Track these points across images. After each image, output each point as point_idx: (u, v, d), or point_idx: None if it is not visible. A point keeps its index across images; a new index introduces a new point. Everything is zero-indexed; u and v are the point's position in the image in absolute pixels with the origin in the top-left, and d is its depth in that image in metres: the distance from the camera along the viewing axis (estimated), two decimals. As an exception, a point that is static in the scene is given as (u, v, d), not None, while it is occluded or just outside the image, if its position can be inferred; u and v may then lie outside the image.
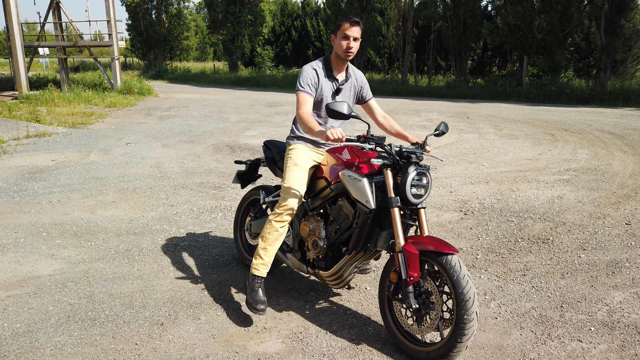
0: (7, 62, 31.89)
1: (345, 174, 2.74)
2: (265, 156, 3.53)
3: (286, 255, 3.25)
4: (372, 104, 3.20)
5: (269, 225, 2.98)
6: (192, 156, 7.71)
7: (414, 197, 2.56)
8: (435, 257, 2.42)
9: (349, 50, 2.86)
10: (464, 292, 2.32)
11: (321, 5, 33.82)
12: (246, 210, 3.81)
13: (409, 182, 2.52)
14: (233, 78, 26.69)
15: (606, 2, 16.72)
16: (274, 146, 3.49)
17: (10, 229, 4.51)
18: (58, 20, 19.55)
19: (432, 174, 6.49)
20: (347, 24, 2.83)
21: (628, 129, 10.04)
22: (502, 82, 19.08)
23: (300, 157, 2.99)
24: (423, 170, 2.58)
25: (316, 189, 3.05)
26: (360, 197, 2.65)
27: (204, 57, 47.25)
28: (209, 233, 4.46)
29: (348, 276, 2.90)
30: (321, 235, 2.94)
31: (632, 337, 2.80)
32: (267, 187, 3.59)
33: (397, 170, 2.61)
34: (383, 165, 2.60)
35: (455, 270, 2.36)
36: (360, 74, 3.16)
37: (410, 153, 2.63)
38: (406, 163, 2.59)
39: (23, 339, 2.79)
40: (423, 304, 2.49)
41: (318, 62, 2.98)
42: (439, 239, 2.51)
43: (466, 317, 2.32)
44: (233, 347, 2.73)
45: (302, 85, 2.89)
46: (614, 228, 4.51)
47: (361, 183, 2.63)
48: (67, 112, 12.45)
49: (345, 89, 3.04)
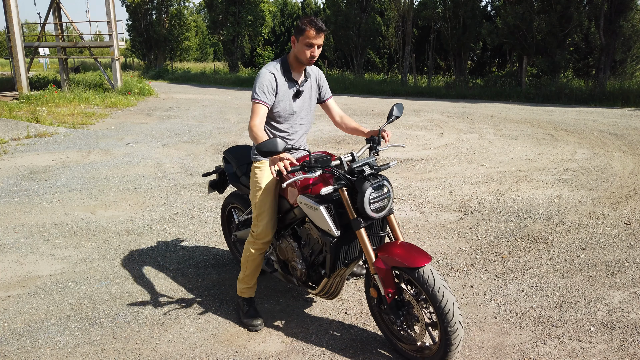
0: (7, 62, 31.89)
1: (301, 200, 2.56)
2: (227, 173, 3.33)
3: (274, 273, 3.16)
4: (331, 103, 3.03)
5: (247, 253, 2.91)
6: (192, 156, 7.72)
7: (376, 211, 2.43)
8: (408, 272, 2.35)
9: (312, 59, 2.66)
10: (442, 305, 2.26)
11: (321, 6, 33.82)
12: (229, 217, 3.72)
13: (367, 201, 2.37)
14: (233, 78, 26.70)
15: (605, 2, 16.72)
16: (233, 157, 3.26)
17: (11, 229, 4.52)
18: (58, 20, 19.57)
19: (432, 174, 6.51)
20: (313, 32, 2.58)
21: (627, 129, 10.05)
22: (502, 82, 19.08)
23: (265, 177, 2.81)
24: (379, 182, 2.43)
25: (282, 209, 2.89)
26: (321, 225, 2.50)
27: (204, 58, 47.27)
28: (209, 233, 4.47)
29: (337, 289, 2.81)
30: (298, 259, 2.81)
31: (631, 336, 2.81)
32: (239, 195, 3.45)
33: (352, 187, 2.45)
34: (335, 189, 2.42)
35: (429, 283, 2.28)
36: (317, 71, 2.96)
37: (361, 167, 2.46)
38: (360, 179, 2.42)
39: (23, 339, 2.80)
40: (407, 315, 2.48)
41: (276, 65, 2.75)
42: (411, 246, 2.44)
43: (449, 329, 2.28)
44: (233, 346, 2.73)
45: (258, 94, 2.65)
46: (613, 228, 4.52)
47: (318, 212, 2.45)
48: (68, 113, 12.46)
49: (306, 90, 2.86)
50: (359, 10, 23.65)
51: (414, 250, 2.40)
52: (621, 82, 17.30)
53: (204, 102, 16.21)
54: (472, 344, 2.73)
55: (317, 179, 2.58)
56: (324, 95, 3.00)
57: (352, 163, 2.49)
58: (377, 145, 2.69)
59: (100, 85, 18.69)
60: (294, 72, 2.79)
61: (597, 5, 17.06)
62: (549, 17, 17.18)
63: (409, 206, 5.20)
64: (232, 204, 3.59)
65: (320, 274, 2.77)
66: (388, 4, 25.16)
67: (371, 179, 2.42)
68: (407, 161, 7.29)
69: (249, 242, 2.90)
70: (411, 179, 6.28)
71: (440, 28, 22.14)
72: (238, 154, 3.28)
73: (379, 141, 2.69)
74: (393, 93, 19.80)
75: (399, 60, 24.07)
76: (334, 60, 27.23)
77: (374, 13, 24.39)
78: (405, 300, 2.48)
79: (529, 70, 19.00)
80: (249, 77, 26.51)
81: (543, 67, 17.79)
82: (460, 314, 2.30)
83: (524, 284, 3.46)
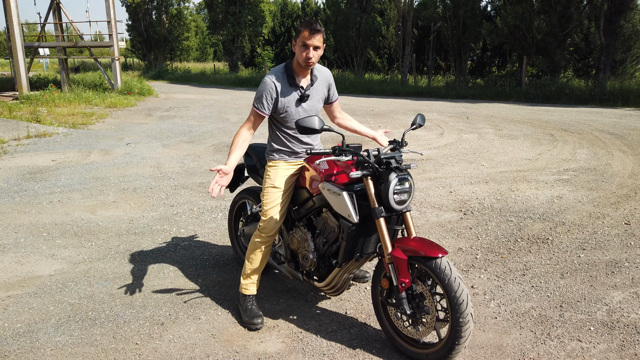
0: (7, 62, 31.89)
1: (324, 187, 2.63)
2: (246, 164, 3.40)
3: (281, 266, 3.20)
4: (335, 106, 3.07)
5: (253, 247, 2.95)
6: (192, 156, 7.72)
7: (398, 203, 2.48)
8: (425, 262, 2.39)
9: (308, 61, 2.65)
10: (457, 295, 2.29)
11: (321, 6, 33.82)
12: (237, 213, 3.77)
13: (391, 191, 2.43)
14: (233, 78, 26.71)
15: (605, 2, 16.72)
16: (254, 152, 3.34)
17: (11, 229, 4.52)
18: (58, 20, 19.58)
19: (432, 174, 6.51)
20: (307, 32, 2.58)
21: (627, 129, 10.05)
22: (502, 82, 19.08)
23: (278, 177, 2.87)
24: (404, 176, 2.49)
25: (300, 199, 2.95)
26: (342, 211, 2.56)
27: (204, 58, 47.29)
28: (209, 233, 4.47)
29: (343, 285, 2.85)
30: (310, 249, 2.85)
31: (631, 336, 2.81)
32: (253, 190, 3.51)
33: (377, 177, 2.51)
34: (363, 175, 2.49)
35: (446, 273, 2.32)
36: (326, 72, 2.94)
37: (389, 158, 2.52)
38: (386, 170, 2.49)
39: (24, 339, 2.80)
40: (417, 308, 2.48)
41: (279, 71, 2.76)
42: (427, 240, 2.47)
43: (461, 320, 2.30)
44: (233, 346, 2.73)
45: (256, 101, 2.73)
46: (614, 228, 4.52)
47: (341, 197, 2.52)
48: (68, 113, 12.46)
49: (312, 94, 2.84)
50: (359, 10, 23.66)
51: (431, 243, 2.44)
52: (621, 82, 17.30)
53: (204, 102, 16.21)
54: (472, 344, 2.73)
55: (341, 169, 2.64)
56: (332, 97, 3.02)
57: (380, 155, 2.56)
58: (400, 148, 2.74)
59: (100, 86, 18.70)
60: (297, 77, 2.79)
61: (597, 5, 17.06)
62: (549, 17, 17.18)
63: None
64: (243, 199, 3.62)
65: (329, 267, 2.82)
66: (388, 4, 25.17)
67: (397, 171, 2.49)
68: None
69: (256, 235, 2.95)
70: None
71: (440, 28, 22.15)
72: (259, 150, 3.37)
73: (402, 144, 2.74)
74: (393, 93, 19.80)
75: (399, 60, 24.07)
76: (334, 60, 27.24)
77: (374, 13, 24.40)
78: (417, 292, 2.49)
79: (529, 70, 19.00)
80: (249, 77, 26.53)
81: (543, 67, 17.80)
82: (472, 308, 2.32)
83: (524, 284, 3.46)
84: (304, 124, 2.48)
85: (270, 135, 2.97)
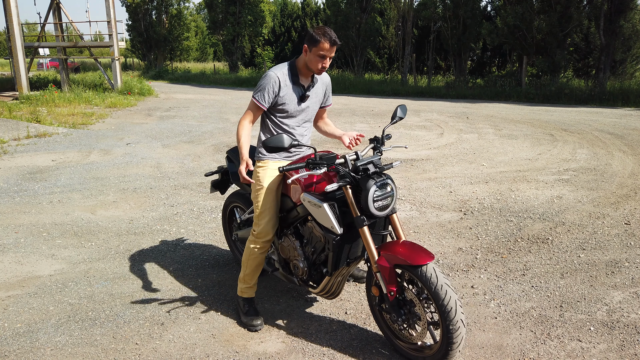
0: (7, 62, 31.89)
1: (305, 198, 2.57)
2: (229, 171, 3.34)
3: (276, 272, 3.16)
4: (325, 111, 3.10)
5: (248, 252, 2.92)
6: (192, 156, 7.72)
7: (379, 209, 2.43)
8: (411, 270, 2.35)
9: (323, 69, 2.69)
10: (444, 303, 2.26)
11: (321, 6, 33.81)
12: (230, 216, 3.73)
13: (370, 199, 2.37)
14: (233, 78, 26.70)
15: (605, 2, 16.73)
16: (237, 157, 3.26)
17: (11, 229, 4.52)
18: (58, 20, 19.58)
19: (432, 174, 6.51)
20: (327, 44, 2.59)
21: (627, 129, 10.05)
22: (502, 82, 19.08)
23: (267, 177, 2.82)
24: (384, 181, 2.43)
25: (285, 208, 2.89)
26: (325, 223, 2.50)
27: (204, 58, 47.27)
28: (209, 233, 4.47)
29: (338, 288, 2.81)
30: (300, 257, 2.81)
31: (631, 336, 2.81)
32: (242, 195, 3.46)
33: (357, 185, 2.44)
34: (340, 186, 2.42)
35: (432, 281, 2.28)
36: (326, 78, 2.97)
37: (365, 165, 2.45)
38: (364, 177, 2.42)
39: (23, 339, 2.80)
40: (409, 313, 2.48)
41: (283, 68, 2.75)
42: (413, 245, 2.44)
43: (452, 327, 2.28)
44: (233, 346, 2.73)
45: (257, 93, 2.72)
46: (614, 228, 4.52)
47: (322, 209, 2.47)
48: (68, 113, 12.46)
49: (312, 95, 2.87)
50: (359, 10, 23.65)
51: (417, 249, 2.40)
52: (621, 82, 17.31)
53: (204, 102, 16.21)
54: (472, 344, 2.73)
55: (321, 177, 2.59)
56: (326, 102, 3.03)
57: (357, 161, 2.49)
58: (381, 146, 2.69)
59: (100, 86, 18.70)
60: (301, 77, 2.80)
61: (597, 5, 17.07)
62: (549, 17, 17.18)
63: (409, 206, 5.20)
64: (233, 204, 3.59)
65: (321, 273, 2.77)
66: (388, 4, 25.18)
67: (375, 177, 2.43)
68: (407, 161, 7.29)
69: (250, 240, 2.91)
70: (411, 179, 6.28)
71: (440, 28, 22.15)
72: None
73: (382, 141, 2.69)
74: (393, 93, 19.80)
75: (399, 60, 24.08)
76: (334, 60, 27.24)
77: (374, 13, 24.39)
78: (407, 299, 2.48)
79: (529, 70, 19.00)
80: (249, 77, 26.52)
81: (543, 67, 17.79)
82: (462, 313, 2.31)
83: (524, 284, 3.46)
84: (271, 143, 2.40)
85: (263, 134, 2.94)
